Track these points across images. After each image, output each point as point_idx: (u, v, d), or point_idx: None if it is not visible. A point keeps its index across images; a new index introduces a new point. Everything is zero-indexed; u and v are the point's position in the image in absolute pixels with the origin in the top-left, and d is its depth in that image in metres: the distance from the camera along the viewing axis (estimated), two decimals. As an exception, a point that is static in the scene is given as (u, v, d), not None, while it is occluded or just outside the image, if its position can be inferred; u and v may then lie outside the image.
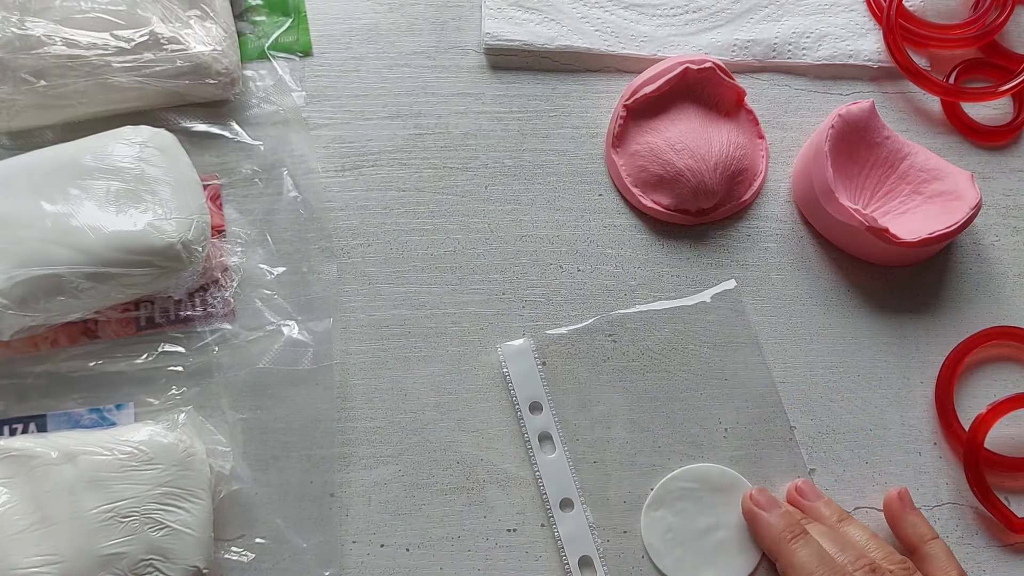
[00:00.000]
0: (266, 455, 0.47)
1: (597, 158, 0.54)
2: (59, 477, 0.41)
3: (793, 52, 0.56)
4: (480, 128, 0.54)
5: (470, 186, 0.52)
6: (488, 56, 0.55)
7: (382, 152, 0.53)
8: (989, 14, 0.56)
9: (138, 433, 0.43)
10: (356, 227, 0.51)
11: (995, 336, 0.51)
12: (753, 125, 0.54)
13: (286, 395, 0.48)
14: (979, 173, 0.54)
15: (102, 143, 0.46)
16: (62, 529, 0.40)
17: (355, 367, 0.49)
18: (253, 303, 0.49)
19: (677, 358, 0.50)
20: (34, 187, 0.45)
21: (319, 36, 0.54)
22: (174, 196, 0.46)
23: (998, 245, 0.54)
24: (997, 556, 0.48)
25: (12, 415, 0.46)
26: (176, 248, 0.44)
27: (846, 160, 0.51)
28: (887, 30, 0.55)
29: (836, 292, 0.52)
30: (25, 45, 0.47)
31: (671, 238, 0.52)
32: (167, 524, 0.41)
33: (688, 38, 0.55)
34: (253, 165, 0.51)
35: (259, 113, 0.52)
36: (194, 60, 0.49)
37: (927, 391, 0.51)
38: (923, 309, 0.52)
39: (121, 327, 0.48)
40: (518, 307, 0.50)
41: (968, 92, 0.55)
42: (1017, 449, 0.50)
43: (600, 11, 0.55)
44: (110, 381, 0.47)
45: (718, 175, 0.51)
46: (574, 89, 0.55)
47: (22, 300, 0.43)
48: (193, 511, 0.42)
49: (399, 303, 0.50)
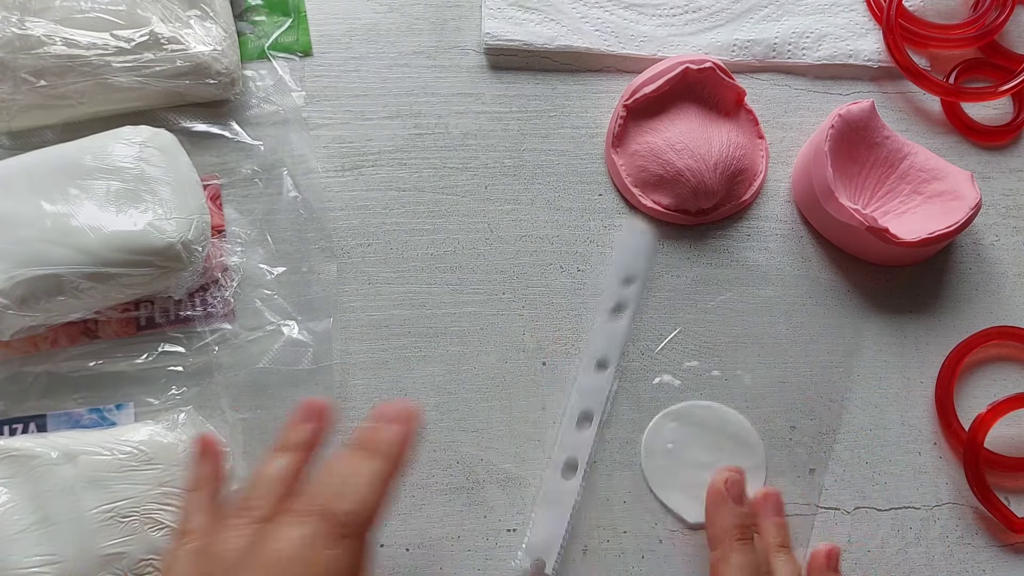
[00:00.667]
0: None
1: (597, 158, 0.54)
2: (59, 477, 0.41)
3: (793, 52, 0.56)
4: (480, 128, 0.54)
5: (470, 186, 0.52)
6: (488, 56, 0.55)
7: (382, 152, 0.53)
8: (989, 14, 0.56)
9: (138, 433, 0.43)
10: (356, 227, 0.51)
11: (995, 336, 0.51)
12: (753, 125, 0.54)
13: (286, 395, 0.48)
14: (979, 173, 0.54)
15: (102, 143, 0.46)
16: (62, 529, 0.40)
17: (355, 367, 0.49)
18: (253, 303, 0.49)
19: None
20: (34, 187, 0.45)
21: (319, 36, 0.54)
22: (174, 196, 0.46)
23: (998, 245, 0.54)
24: (997, 556, 0.48)
25: (12, 415, 0.46)
26: (176, 248, 0.44)
27: (846, 160, 0.51)
28: (887, 30, 0.55)
29: (836, 292, 0.52)
30: (25, 45, 0.47)
31: (671, 238, 0.52)
32: (167, 524, 0.41)
33: (688, 38, 0.55)
34: (253, 165, 0.51)
35: (259, 113, 0.52)
36: (194, 60, 0.49)
37: (927, 391, 0.51)
38: (923, 309, 0.52)
39: (121, 327, 0.48)
40: (518, 307, 0.50)
41: (968, 92, 0.55)
42: (1017, 449, 0.50)
43: (600, 11, 0.55)
44: (110, 381, 0.47)
45: (718, 175, 0.51)
46: (574, 89, 0.55)
47: (22, 300, 0.43)
48: (193, 511, 0.42)
49: (399, 303, 0.50)
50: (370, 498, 0.35)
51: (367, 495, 0.34)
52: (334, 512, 0.34)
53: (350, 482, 0.35)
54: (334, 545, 0.33)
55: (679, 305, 0.51)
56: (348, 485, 0.35)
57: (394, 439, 0.36)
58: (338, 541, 0.33)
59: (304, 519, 0.34)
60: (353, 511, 0.34)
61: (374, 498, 0.35)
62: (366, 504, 0.34)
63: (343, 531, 0.33)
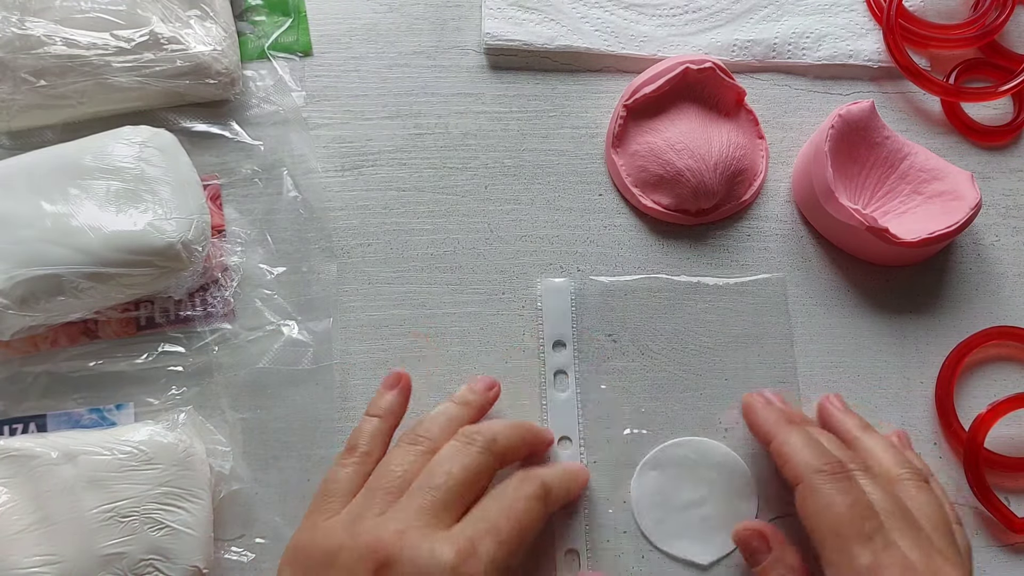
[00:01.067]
0: (266, 455, 0.47)
1: (597, 158, 0.54)
2: (59, 477, 0.41)
3: (793, 52, 0.56)
4: (480, 128, 0.54)
5: (470, 186, 0.52)
6: (488, 56, 0.55)
7: (382, 152, 0.53)
8: (989, 14, 0.56)
9: (138, 433, 0.43)
10: (356, 227, 0.51)
11: (995, 336, 0.51)
12: (753, 125, 0.54)
13: (286, 395, 0.48)
14: (979, 173, 0.54)
15: (102, 143, 0.46)
16: (62, 529, 0.40)
17: (355, 367, 0.49)
18: (253, 303, 0.49)
19: (702, 341, 0.50)
20: (34, 187, 0.45)
21: (319, 36, 0.54)
22: (174, 196, 0.46)
23: (998, 245, 0.54)
24: (997, 556, 0.48)
25: (12, 415, 0.46)
26: (176, 248, 0.44)
27: (846, 160, 0.51)
28: (887, 30, 0.55)
29: (836, 292, 0.52)
30: (25, 45, 0.47)
31: (671, 238, 0.52)
32: (167, 524, 0.41)
33: (688, 38, 0.55)
34: (253, 165, 0.51)
35: (259, 113, 0.52)
36: (194, 60, 0.49)
37: (927, 391, 0.51)
38: (923, 309, 0.52)
39: (121, 327, 0.48)
40: (518, 307, 0.50)
41: (968, 92, 0.55)
42: (1017, 449, 0.50)
43: (600, 11, 0.55)
44: (110, 381, 0.47)
45: (718, 175, 0.51)
46: (574, 89, 0.55)
47: (22, 300, 0.43)
48: (193, 511, 0.42)
49: (399, 303, 0.50)
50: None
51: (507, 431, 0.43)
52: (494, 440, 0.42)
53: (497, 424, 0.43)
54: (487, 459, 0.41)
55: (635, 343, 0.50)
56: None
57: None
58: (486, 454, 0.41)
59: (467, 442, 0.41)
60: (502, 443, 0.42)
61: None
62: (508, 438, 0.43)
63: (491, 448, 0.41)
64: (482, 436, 0.41)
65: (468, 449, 0.41)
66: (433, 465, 0.40)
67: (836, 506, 0.39)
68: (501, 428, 0.43)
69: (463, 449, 0.41)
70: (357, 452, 0.43)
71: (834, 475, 0.40)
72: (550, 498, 0.41)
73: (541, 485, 0.41)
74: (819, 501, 0.39)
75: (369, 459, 0.42)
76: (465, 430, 0.42)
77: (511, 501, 0.40)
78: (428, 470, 0.40)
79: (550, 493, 0.41)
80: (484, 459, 0.41)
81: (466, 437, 0.41)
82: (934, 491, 0.42)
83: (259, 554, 0.45)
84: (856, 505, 0.38)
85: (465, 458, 0.40)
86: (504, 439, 0.42)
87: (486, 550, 0.37)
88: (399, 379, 0.46)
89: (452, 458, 0.40)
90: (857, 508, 0.38)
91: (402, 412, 0.45)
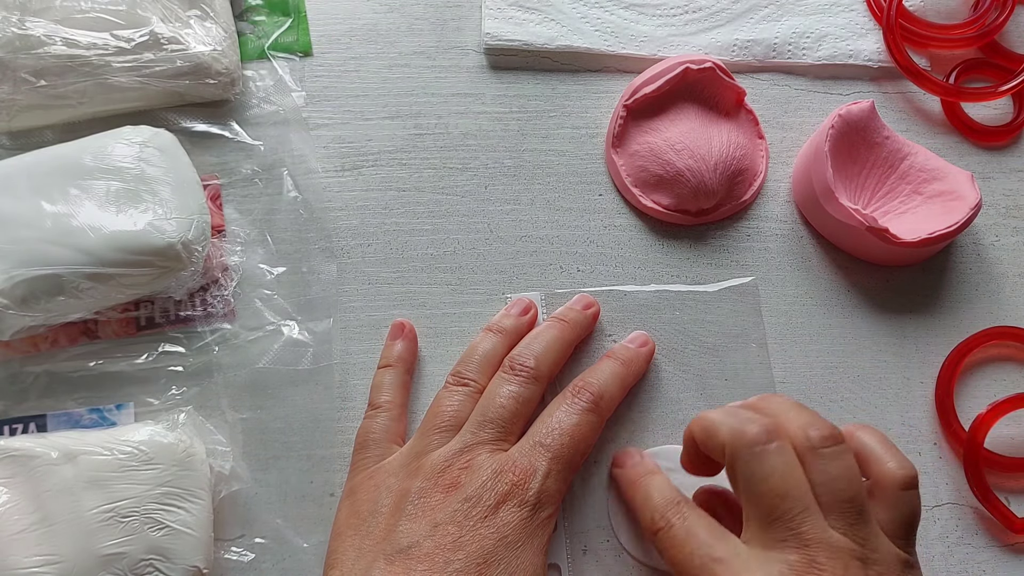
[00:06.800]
0: (266, 455, 0.47)
1: (597, 158, 0.54)
2: (59, 477, 0.41)
3: (793, 52, 0.56)
4: (480, 128, 0.54)
5: (470, 186, 0.52)
6: (488, 56, 0.55)
7: (382, 152, 0.53)
8: (989, 14, 0.56)
9: (138, 433, 0.43)
10: (356, 227, 0.51)
11: (995, 336, 0.51)
12: (753, 125, 0.54)
13: (286, 395, 0.48)
14: (979, 173, 0.54)
15: (102, 143, 0.46)
16: (62, 529, 0.40)
17: (355, 367, 0.49)
18: (253, 303, 0.49)
19: (676, 350, 0.49)
20: (34, 187, 0.45)
21: (319, 36, 0.54)
22: (174, 196, 0.46)
23: (998, 245, 0.54)
24: (997, 556, 0.48)
25: (12, 415, 0.46)
26: (176, 248, 0.44)
27: (846, 160, 0.51)
28: (887, 30, 0.55)
29: (836, 292, 0.52)
30: (25, 45, 0.47)
31: (671, 238, 0.52)
32: (167, 524, 0.41)
33: (688, 38, 0.55)
34: (253, 165, 0.51)
35: (259, 113, 0.52)
36: (194, 60, 0.49)
37: (927, 391, 0.51)
38: (923, 309, 0.52)
39: (121, 327, 0.48)
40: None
41: (968, 92, 0.55)
42: (1017, 449, 0.50)
43: (600, 11, 0.55)
44: (110, 381, 0.47)
45: (718, 175, 0.51)
46: (574, 89, 0.55)
47: (22, 300, 0.43)
48: (193, 511, 0.42)
49: (399, 303, 0.50)
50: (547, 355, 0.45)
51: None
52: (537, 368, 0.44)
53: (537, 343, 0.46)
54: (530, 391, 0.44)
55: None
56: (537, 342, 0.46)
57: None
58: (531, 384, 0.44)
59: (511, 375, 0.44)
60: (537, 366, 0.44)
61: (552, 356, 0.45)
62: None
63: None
64: (524, 366, 0.44)
65: (515, 379, 0.43)
66: (484, 400, 0.43)
67: (772, 479, 0.36)
68: (542, 350, 0.45)
69: (510, 379, 0.43)
70: (381, 402, 0.46)
71: (766, 444, 0.37)
72: (602, 405, 0.43)
73: (590, 398, 0.43)
74: (755, 472, 0.37)
75: (393, 406, 0.46)
76: (510, 359, 0.44)
77: (565, 416, 0.42)
78: (480, 407, 0.43)
79: (602, 400, 0.43)
80: (530, 388, 0.43)
81: (511, 368, 0.44)
82: (850, 460, 0.38)
83: (259, 554, 0.45)
84: (787, 479, 0.36)
85: (513, 387, 0.43)
86: (546, 365, 0.44)
87: (544, 468, 0.40)
88: (403, 327, 0.48)
89: (500, 391, 0.43)
90: (790, 482, 0.36)
91: (413, 359, 0.48)
